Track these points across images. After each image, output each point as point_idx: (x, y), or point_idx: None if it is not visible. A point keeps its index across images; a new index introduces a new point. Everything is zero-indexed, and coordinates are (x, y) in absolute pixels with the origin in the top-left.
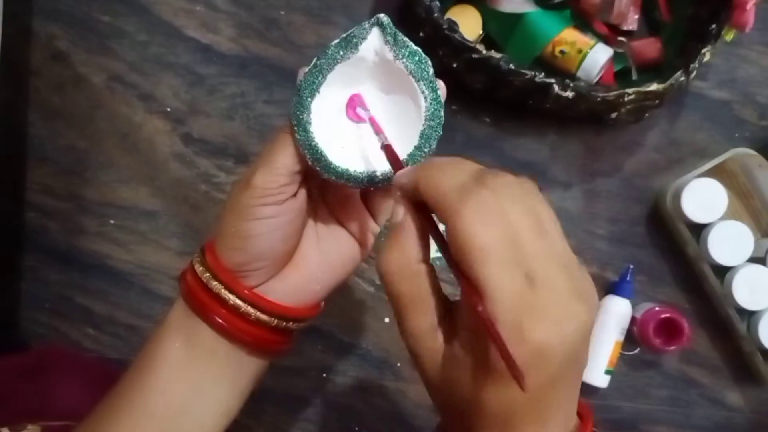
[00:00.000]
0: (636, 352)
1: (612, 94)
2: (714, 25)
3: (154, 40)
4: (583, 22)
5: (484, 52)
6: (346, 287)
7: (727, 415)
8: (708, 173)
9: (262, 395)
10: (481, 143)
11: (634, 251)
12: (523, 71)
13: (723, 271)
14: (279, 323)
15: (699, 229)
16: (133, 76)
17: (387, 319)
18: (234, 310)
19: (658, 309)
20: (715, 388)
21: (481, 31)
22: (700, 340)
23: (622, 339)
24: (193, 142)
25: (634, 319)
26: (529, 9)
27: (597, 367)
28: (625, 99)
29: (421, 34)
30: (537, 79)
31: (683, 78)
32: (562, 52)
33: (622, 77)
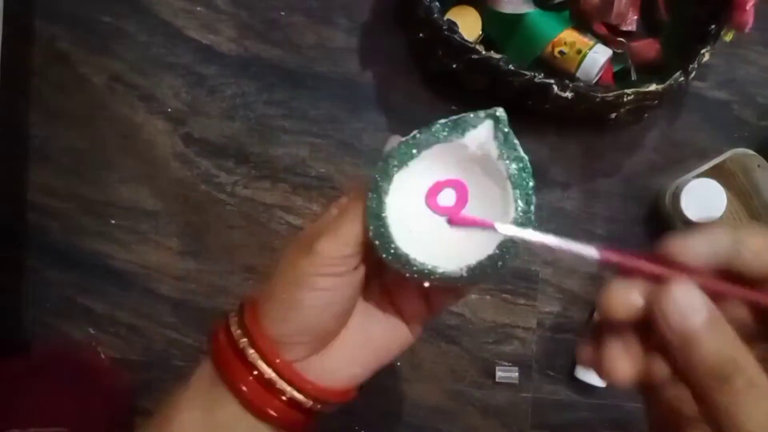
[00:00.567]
0: None
1: (611, 94)
2: (713, 26)
3: (155, 41)
4: (582, 23)
5: (484, 52)
6: None
7: None
8: (707, 173)
9: None
10: None
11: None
12: (522, 72)
13: None
14: (314, 405)
15: None
16: (133, 76)
17: None
18: (268, 384)
19: None
20: None
21: (480, 32)
22: None
23: None
24: (193, 143)
25: None
26: (529, 10)
27: None
28: (625, 99)
29: (420, 35)
30: (536, 79)
31: (682, 78)
32: (561, 53)
33: (621, 78)
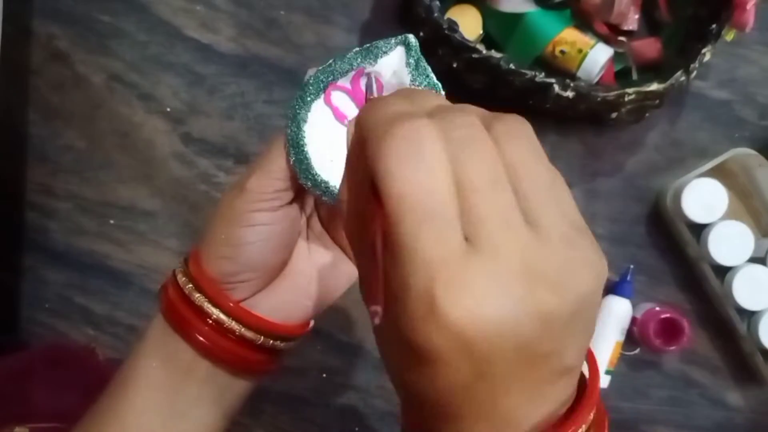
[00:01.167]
0: (636, 352)
1: (612, 94)
2: (714, 25)
3: (154, 40)
4: (583, 22)
5: (484, 51)
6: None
7: (727, 415)
8: (708, 173)
9: (260, 395)
10: None
11: (634, 251)
12: (523, 71)
13: (723, 271)
14: (265, 341)
15: (699, 229)
16: (132, 75)
17: None
18: (217, 325)
19: (658, 309)
20: (715, 388)
21: (481, 31)
22: (700, 340)
23: (622, 339)
24: (192, 142)
25: (634, 320)
26: (530, 9)
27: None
28: (626, 99)
29: (421, 34)
30: (537, 78)
31: (683, 78)
32: (562, 52)
33: (622, 77)
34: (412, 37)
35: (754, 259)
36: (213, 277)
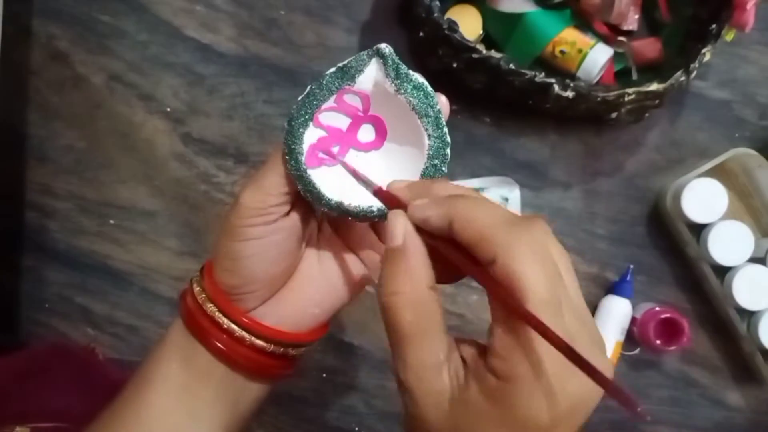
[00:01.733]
0: (636, 352)
1: (612, 94)
2: (714, 25)
3: (154, 40)
4: (583, 22)
5: (484, 51)
6: None
7: (727, 415)
8: (708, 173)
9: None
10: (481, 143)
11: (634, 251)
12: (523, 71)
13: (723, 271)
14: (276, 349)
15: (699, 229)
16: (132, 76)
17: None
18: (229, 334)
19: (658, 309)
20: (715, 388)
21: (481, 31)
22: (700, 340)
23: (622, 339)
24: (192, 142)
25: (634, 319)
26: (529, 9)
27: None
28: (626, 99)
29: (421, 34)
30: (537, 79)
31: (683, 78)
32: (562, 52)
33: (622, 77)
34: (384, 47)
35: (754, 259)
36: (221, 288)
